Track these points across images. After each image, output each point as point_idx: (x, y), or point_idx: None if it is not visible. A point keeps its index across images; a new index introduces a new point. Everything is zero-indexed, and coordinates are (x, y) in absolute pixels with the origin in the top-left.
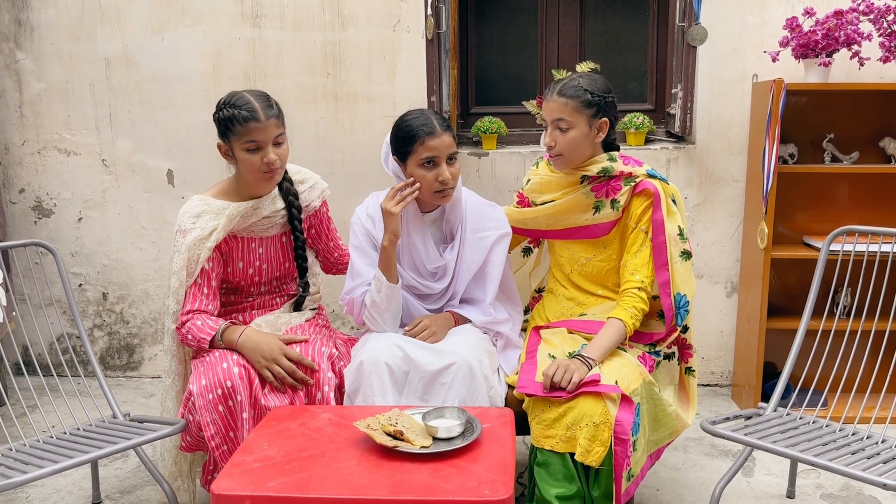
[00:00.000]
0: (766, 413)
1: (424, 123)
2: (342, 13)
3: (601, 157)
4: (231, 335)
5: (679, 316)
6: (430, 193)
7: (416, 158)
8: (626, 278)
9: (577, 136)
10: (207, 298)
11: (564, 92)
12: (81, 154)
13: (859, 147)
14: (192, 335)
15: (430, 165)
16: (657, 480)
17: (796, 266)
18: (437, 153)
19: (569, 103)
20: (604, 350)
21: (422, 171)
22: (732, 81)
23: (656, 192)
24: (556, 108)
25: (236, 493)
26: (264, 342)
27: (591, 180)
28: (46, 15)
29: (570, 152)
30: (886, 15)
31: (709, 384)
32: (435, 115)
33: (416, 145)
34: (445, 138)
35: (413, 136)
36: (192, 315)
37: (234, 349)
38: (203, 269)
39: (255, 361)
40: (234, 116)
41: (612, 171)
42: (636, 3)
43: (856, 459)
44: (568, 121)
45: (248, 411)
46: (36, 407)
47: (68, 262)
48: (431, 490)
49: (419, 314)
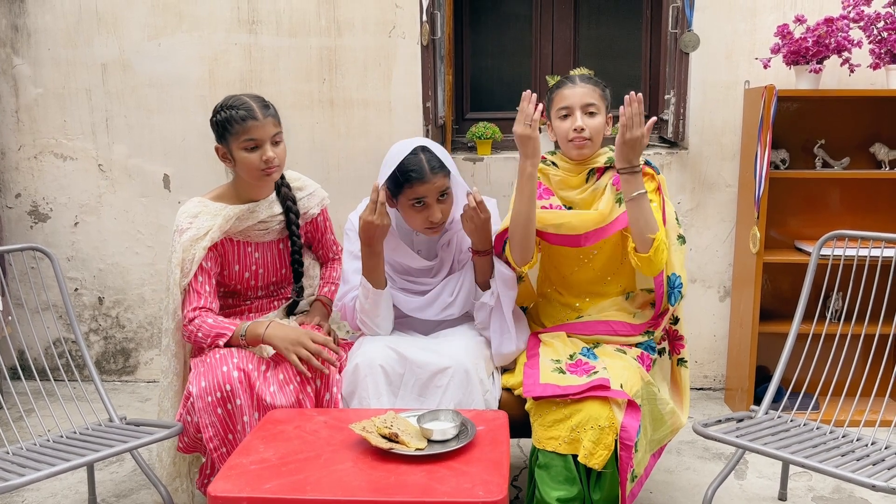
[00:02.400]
0: (757, 416)
1: (414, 169)
2: (338, 19)
3: (603, 149)
4: (257, 329)
5: (672, 296)
6: (420, 229)
7: (405, 200)
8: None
9: (601, 122)
10: (210, 297)
11: (587, 81)
12: (78, 159)
13: (850, 153)
14: (204, 332)
15: (420, 206)
16: (651, 483)
17: (788, 270)
18: (427, 196)
19: (595, 90)
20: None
21: (412, 212)
22: (725, 88)
23: (657, 179)
24: (585, 93)
25: (233, 494)
26: (290, 329)
27: (599, 172)
28: (43, 20)
29: (597, 137)
30: (877, 22)
31: (702, 388)
32: (427, 155)
33: (406, 188)
34: (436, 182)
35: (403, 181)
36: (200, 312)
37: (260, 342)
38: (202, 267)
39: (282, 348)
40: (232, 117)
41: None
42: (629, 10)
43: (846, 461)
44: (597, 105)
45: (250, 414)
46: (32, 411)
47: (64, 267)
48: (426, 491)
49: (416, 322)
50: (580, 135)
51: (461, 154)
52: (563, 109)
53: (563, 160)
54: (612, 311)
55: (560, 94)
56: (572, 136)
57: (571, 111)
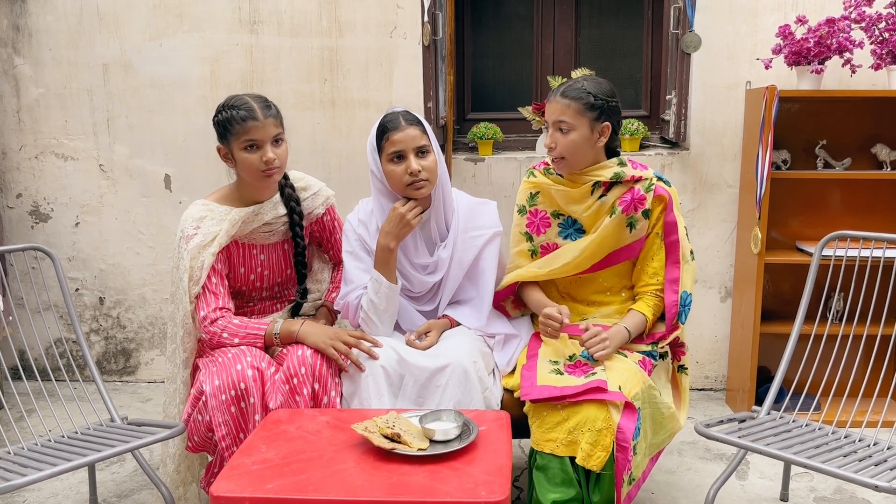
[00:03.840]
0: (759, 416)
1: (390, 120)
2: (339, 20)
3: (610, 161)
4: (291, 327)
5: (683, 314)
6: (402, 187)
7: (385, 155)
8: (645, 281)
9: (577, 138)
10: (227, 297)
11: (567, 94)
12: (79, 159)
13: (851, 153)
14: (230, 332)
15: (398, 160)
16: (652, 484)
17: (790, 271)
18: (403, 146)
19: (571, 105)
20: (630, 335)
21: (391, 166)
22: (726, 88)
23: (669, 196)
24: (557, 110)
25: (235, 494)
26: (325, 326)
27: (605, 186)
28: (45, 21)
29: (571, 155)
30: (878, 23)
31: (703, 388)
32: (404, 112)
33: (384, 142)
34: (410, 131)
35: (380, 133)
36: (223, 312)
37: (294, 340)
38: (214, 268)
39: (319, 342)
40: (233, 117)
41: (623, 176)
42: (631, 11)
43: (848, 462)
44: (569, 123)
45: (261, 413)
46: (33, 411)
47: (65, 267)
48: (428, 491)
49: (412, 316)
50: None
51: (462, 154)
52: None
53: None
54: (616, 317)
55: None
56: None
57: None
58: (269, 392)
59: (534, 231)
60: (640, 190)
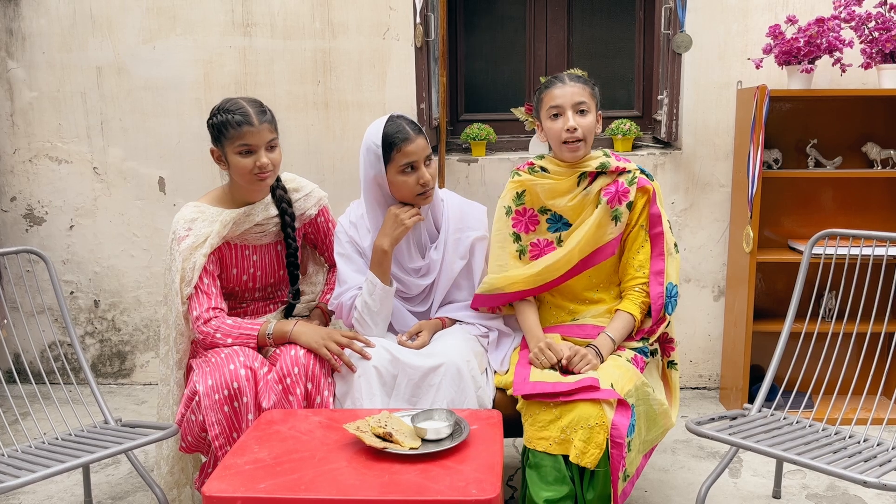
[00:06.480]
0: (750, 413)
1: (398, 130)
2: (332, 22)
3: (596, 153)
4: (284, 327)
5: (669, 305)
6: (412, 196)
7: (395, 166)
8: (631, 274)
9: (593, 121)
10: (219, 297)
11: (575, 79)
12: (73, 162)
13: (842, 152)
14: (224, 332)
15: (409, 171)
16: (645, 482)
17: (782, 269)
18: (416, 157)
19: (585, 88)
20: (615, 342)
21: (403, 177)
22: (717, 88)
23: (653, 189)
24: (576, 92)
25: (227, 494)
26: (317, 326)
27: (591, 177)
28: (38, 24)
29: (589, 137)
30: (867, 22)
31: (697, 387)
32: (408, 120)
33: (394, 153)
34: (420, 142)
35: (389, 144)
36: (216, 312)
37: (287, 340)
38: (206, 269)
39: (312, 343)
40: (228, 121)
41: (608, 166)
42: (622, 12)
43: (838, 458)
44: (588, 104)
45: (254, 413)
46: (28, 414)
47: (60, 270)
48: (420, 490)
49: (405, 317)
50: (573, 135)
51: (456, 155)
52: (554, 109)
53: (555, 163)
54: (607, 317)
55: (550, 93)
56: (565, 136)
57: (563, 111)
58: (262, 392)
59: (521, 230)
60: (623, 183)
